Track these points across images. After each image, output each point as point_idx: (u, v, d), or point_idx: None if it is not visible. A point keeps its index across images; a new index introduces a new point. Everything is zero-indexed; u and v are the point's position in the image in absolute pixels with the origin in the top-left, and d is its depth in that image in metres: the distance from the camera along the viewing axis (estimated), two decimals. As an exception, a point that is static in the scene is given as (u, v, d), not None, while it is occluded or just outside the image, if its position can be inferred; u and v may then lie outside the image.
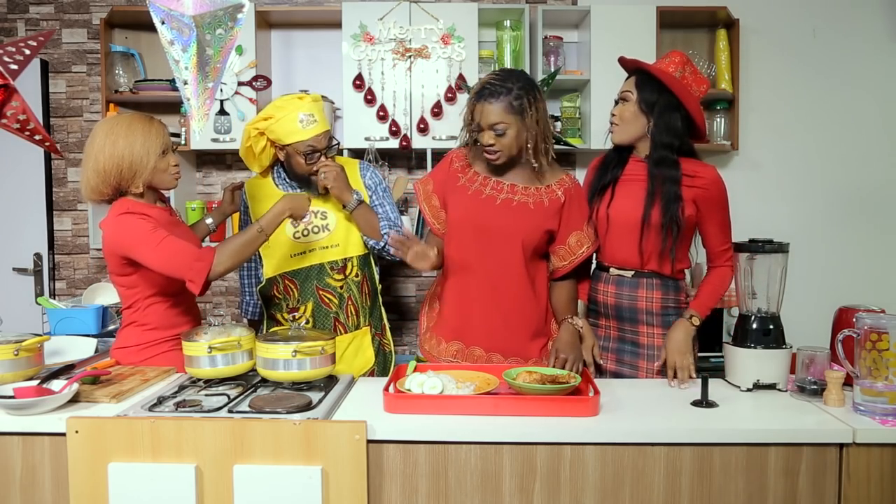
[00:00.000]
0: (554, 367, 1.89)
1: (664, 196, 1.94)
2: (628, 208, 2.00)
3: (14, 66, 1.81)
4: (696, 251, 2.08)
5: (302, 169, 2.21)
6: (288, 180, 2.32)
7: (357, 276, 2.31)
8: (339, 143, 2.28)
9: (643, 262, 2.01)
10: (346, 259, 2.29)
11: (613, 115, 2.05)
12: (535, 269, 2.06)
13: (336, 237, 2.28)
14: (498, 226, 2.00)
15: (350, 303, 2.31)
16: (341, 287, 2.30)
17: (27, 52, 1.87)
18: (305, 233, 2.28)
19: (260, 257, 2.37)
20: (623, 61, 2.09)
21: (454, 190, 2.09)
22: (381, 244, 2.26)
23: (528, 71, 3.26)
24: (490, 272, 2.02)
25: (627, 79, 2.06)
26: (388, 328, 2.44)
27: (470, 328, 2.06)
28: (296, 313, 2.31)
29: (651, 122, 1.99)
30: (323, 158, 2.20)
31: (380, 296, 2.43)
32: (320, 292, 2.29)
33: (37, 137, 1.94)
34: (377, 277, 2.40)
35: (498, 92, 1.91)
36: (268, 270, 2.33)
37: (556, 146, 3.14)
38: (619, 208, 2.02)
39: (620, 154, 2.09)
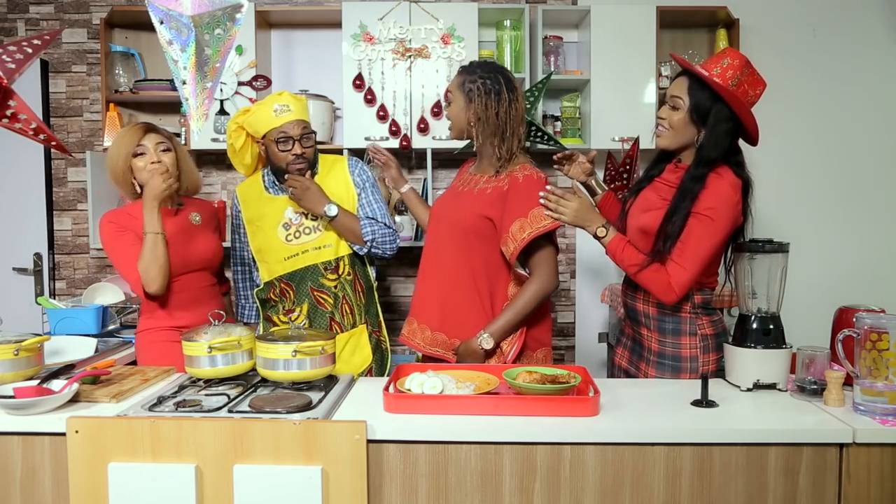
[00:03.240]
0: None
1: (672, 208, 1.88)
2: (641, 212, 1.99)
3: (12, 66, 1.80)
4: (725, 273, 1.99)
5: (278, 159, 2.23)
6: (277, 182, 2.32)
7: (349, 274, 2.32)
8: (315, 134, 2.29)
9: None
10: (338, 258, 2.30)
11: (661, 118, 1.95)
12: (477, 254, 2.06)
13: (328, 237, 2.29)
14: (445, 212, 2.14)
15: (345, 302, 2.31)
16: (335, 287, 2.30)
17: (29, 50, 1.86)
18: (297, 234, 2.28)
19: (255, 262, 2.37)
20: (676, 60, 1.98)
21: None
22: (365, 249, 2.28)
23: (528, 71, 3.27)
24: (439, 254, 2.12)
25: (677, 77, 1.95)
26: (384, 325, 2.44)
27: (422, 307, 2.16)
28: (292, 315, 2.31)
29: (701, 133, 1.89)
30: (298, 147, 2.21)
31: (375, 293, 2.43)
32: (315, 293, 2.29)
33: (41, 137, 1.94)
34: (372, 275, 2.41)
35: (464, 69, 2.09)
36: (264, 275, 2.34)
37: (549, 147, 3.15)
38: (636, 210, 2.02)
39: (666, 157, 2.03)
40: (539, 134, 3.09)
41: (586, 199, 1.99)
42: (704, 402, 1.67)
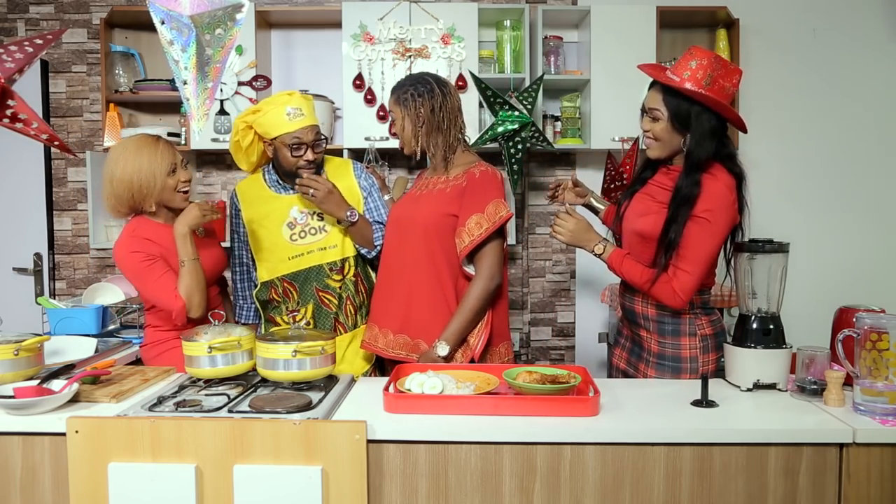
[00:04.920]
0: None
1: (671, 217, 1.87)
2: (637, 216, 1.99)
3: (11, 65, 1.79)
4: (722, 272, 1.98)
5: (288, 163, 2.22)
6: (280, 181, 2.32)
7: (354, 275, 2.32)
8: (327, 140, 2.30)
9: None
10: (343, 259, 2.30)
11: (646, 130, 1.95)
12: (440, 252, 2.09)
13: (333, 238, 2.28)
14: (404, 215, 2.17)
15: (349, 302, 2.31)
16: (340, 287, 2.30)
17: (30, 50, 1.86)
18: (303, 234, 2.28)
19: (254, 261, 2.36)
20: (647, 73, 1.95)
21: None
22: (374, 253, 2.29)
23: (528, 71, 3.27)
24: (399, 257, 2.14)
25: (651, 87, 1.95)
26: None
27: (383, 311, 2.17)
28: (296, 314, 2.30)
29: (686, 138, 1.89)
30: (310, 153, 2.21)
31: None
32: (320, 294, 2.29)
33: (44, 137, 1.93)
34: (373, 276, 2.41)
35: (395, 88, 2.18)
36: (263, 274, 2.32)
37: (544, 148, 3.15)
38: (631, 214, 2.01)
39: (655, 161, 2.02)
40: (537, 135, 3.09)
41: (583, 219, 2.02)
42: (704, 402, 1.67)
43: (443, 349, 2.01)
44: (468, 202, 2.06)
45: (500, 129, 3.00)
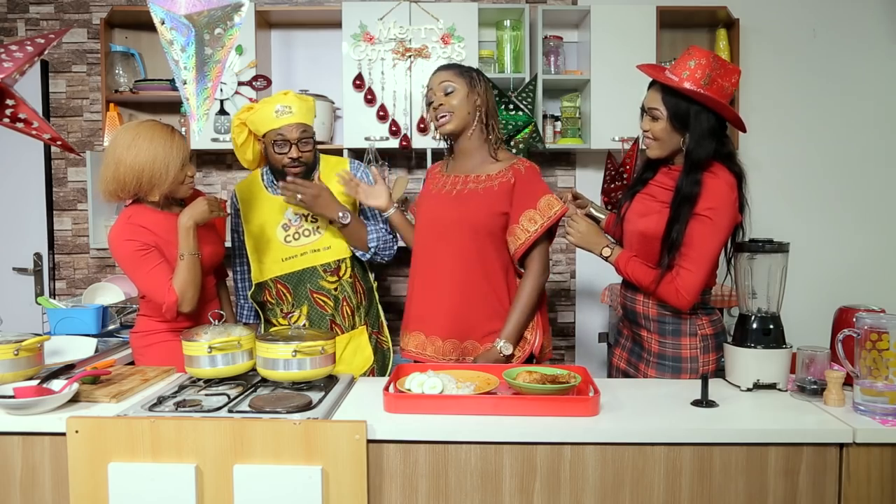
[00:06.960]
0: None
1: (673, 216, 1.88)
2: (639, 216, 1.99)
3: (9, 64, 1.79)
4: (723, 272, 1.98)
5: (275, 160, 2.22)
6: (275, 181, 2.31)
7: (350, 277, 2.31)
8: (314, 137, 2.27)
9: None
10: (339, 261, 2.29)
11: (645, 130, 1.96)
12: (491, 251, 2.07)
13: (327, 239, 2.27)
14: (448, 215, 2.09)
15: (345, 304, 2.30)
16: (335, 289, 2.29)
17: (30, 49, 1.86)
18: (296, 236, 2.27)
19: (249, 262, 2.36)
20: (646, 73, 1.95)
21: (423, 197, 2.24)
22: (368, 256, 2.27)
23: (527, 71, 3.27)
24: (445, 260, 2.08)
25: (650, 87, 1.96)
26: (385, 325, 2.44)
27: (430, 317, 2.12)
28: (291, 316, 2.29)
29: (685, 137, 1.90)
30: (294, 150, 2.18)
31: (375, 293, 2.43)
32: (314, 295, 2.28)
33: (46, 136, 1.93)
34: (371, 276, 2.40)
35: (450, 65, 2.14)
36: (256, 275, 2.32)
37: (540, 149, 3.16)
38: (633, 215, 2.02)
39: (657, 160, 2.02)
40: (535, 135, 3.09)
41: (594, 224, 2.06)
42: (704, 402, 1.67)
43: (507, 348, 2.01)
44: (519, 199, 2.04)
45: (504, 129, 3.00)
